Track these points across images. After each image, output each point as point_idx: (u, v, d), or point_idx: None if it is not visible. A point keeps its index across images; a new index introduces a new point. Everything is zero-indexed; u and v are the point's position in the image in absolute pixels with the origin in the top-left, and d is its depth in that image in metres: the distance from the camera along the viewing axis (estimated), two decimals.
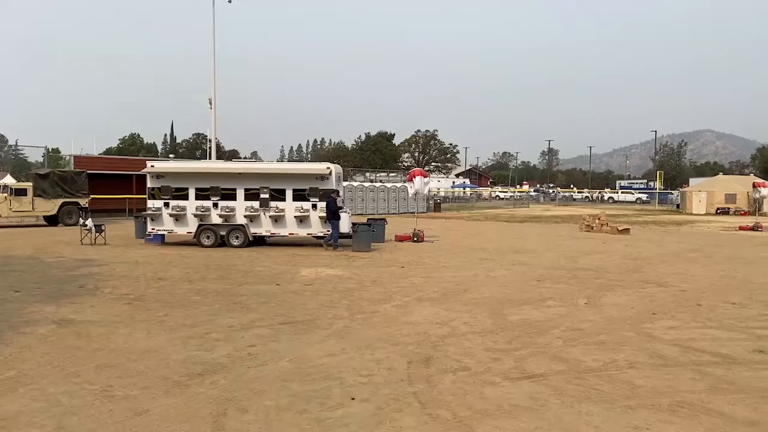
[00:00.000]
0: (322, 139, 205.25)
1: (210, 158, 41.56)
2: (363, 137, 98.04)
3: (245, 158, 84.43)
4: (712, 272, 14.14)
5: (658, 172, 79.90)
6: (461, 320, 8.77)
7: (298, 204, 18.81)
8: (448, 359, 6.79)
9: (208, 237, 18.78)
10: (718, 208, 49.70)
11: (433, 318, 8.89)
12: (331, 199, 18.52)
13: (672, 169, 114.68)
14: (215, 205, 18.97)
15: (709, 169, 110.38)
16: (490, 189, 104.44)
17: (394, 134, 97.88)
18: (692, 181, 73.21)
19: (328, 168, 19.10)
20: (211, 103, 37.88)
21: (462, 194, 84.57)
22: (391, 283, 12.01)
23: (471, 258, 16.44)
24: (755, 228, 29.19)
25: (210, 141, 42.23)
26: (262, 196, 18.91)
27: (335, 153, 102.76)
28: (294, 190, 18.90)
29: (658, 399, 5.56)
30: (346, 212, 19.23)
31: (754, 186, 33.81)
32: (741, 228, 29.90)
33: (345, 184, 38.27)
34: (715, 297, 10.89)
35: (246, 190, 19.03)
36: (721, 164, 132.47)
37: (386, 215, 34.49)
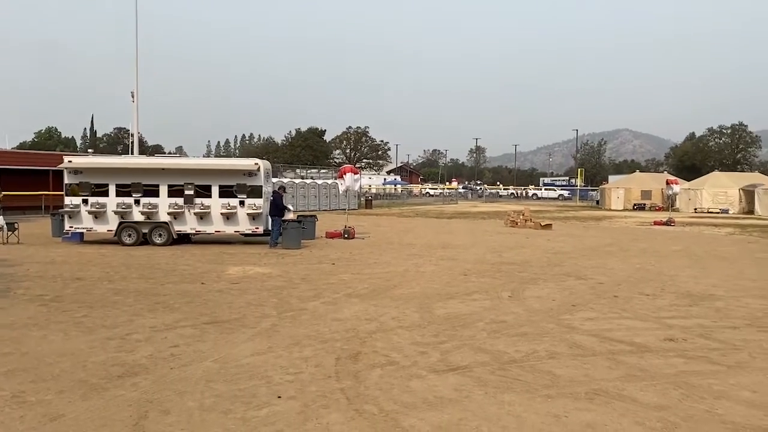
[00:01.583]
0: (251, 134, 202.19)
1: (132, 153, 40.06)
2: (293, 133, 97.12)
3: (170, 153, 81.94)
4: (628, 265, 14.83)
5: (579, 170, 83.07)
6: (390, 315, 8.84)
7: (225, 201, 18.42)
8: (376, 354, 6.83)
9: (129, 235, 18.12)
10: (634, 204, 52.19)
11: (362, 314, 8.92)
12: (277, 195, 18.28)
13: (592, 166, 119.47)
14: (137, 201, 18.32)
15: (627, 167, 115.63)
16: (420, 186, 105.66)
17: (325, 130, 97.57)
18: (611, 178, 76.60)
19: (257, 164, 18.81)
20: (133, 96, 36.52)
21: (393, 191, 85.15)
22: (320, 281, 11.96)
23: (401, 254, 16.60)
24: (668, 223, 30.84)
25: (132, 135, 40.71)
26: (186, 192, 18.40)
27: (264, 149, 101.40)
28: (220, 187, 18.48)
29: (576, 387, 5.80)
30: (290, 210, 19.05)
31: (668, 183, 35.69)
32: (655, 223, 31.52)
33: (274, 180, 37.82)
34: (630, 289, 11.43)
35: (170, 186, 18.47)
36: (638, 162, 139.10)
37: (317, 212, 34.30)
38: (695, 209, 47.64)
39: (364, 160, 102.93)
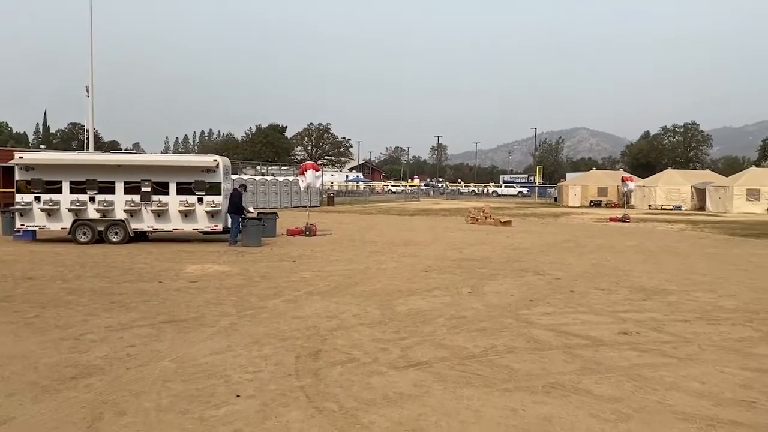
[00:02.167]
0: (210, 130, 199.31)
1: (87, 149, 39.03)
2: (254, 129, 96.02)
3: (126, 150, 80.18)
4: (584, 261, 15.15)
5: (537, 167, 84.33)
6: (351, 313, 8.83)
7: (183, 198, 18.12)
8: (336, 352, 6.82)
9: (84, 233, 17.67)
10: (591, 201, 53.32)
11: (323, 311, 8.90)
12: (236, 193, 18.05)
13: (551, 164, 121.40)
14: (92, 199, 17.87)
15: (584, 165, 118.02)
16: (383, 183, 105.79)
17: (286, 127, 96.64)
18: (569, 175, 78.02)
19: (215, 160, 18.54)
20: (88, 91, 35.61)
21: (355, 188, 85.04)
22: (281, 278, 11.88)
23: (363, 251, 16.60)
24: (624, 219, 31.59)
25: (87, 131, 39.66)
26: (143, 189, 18.04)
27: (224, 145, 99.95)
28: (178, 184, 18.17)
29: (534, 381, 5.90)
30: (250, 211, 18.83)
31: (623, 180, 36.58)
32: (611, 219, 32.25)
33: (234, 177, 37.36)
34: (586, 284, 11.67)
35: (126, 183, 18.07)
36: (594, 160, 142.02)
37: (278, 209, 34.02)
38: (649, 206, 48.93)
39: (326, 157, 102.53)
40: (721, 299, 10.29)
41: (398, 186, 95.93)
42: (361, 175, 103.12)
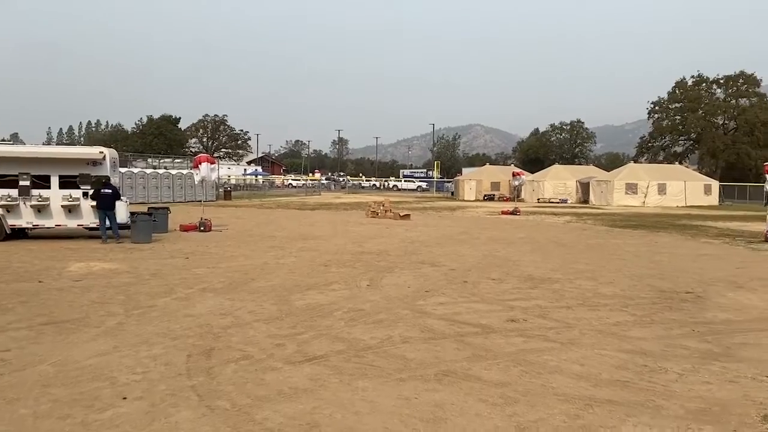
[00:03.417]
0: (98, 121, 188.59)
1: None
2: (145, 120, 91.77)
3: (3, 141, 74.21)
4: (477, 252, 15.70)
5: (435, 162, 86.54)
6: (246, 309, 8.67)
7: (67, 192, 17.03)
8: (230, 349, 6.68)
9: None
10: (485, 195, 55.34)
11: (216, 309, 8.67)
12: (109, 187, 17.09)
13: (448, 159, 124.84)
14: None
15: (479, 160, 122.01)
16: (283, 177, 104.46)
17: (179, 118, 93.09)
18: (465, 170, 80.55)
19: (102, 152, 17.56)
20: None
21: (254, 182, 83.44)
22: (172, 276, 11.46)
23: (260, 246, 16.33)
24: (514, 212, 33.02)
25: None
26: (21, 183, 16.78)
27: (113, 137, 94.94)
28: (61, 177, 17.06)
29: (427, 370, 6.06)
30: (123, 201, 17.86)
31: (514, 175, 38.22)
32: (503, 212, 33.61)
33: (123, 170, 35.59)
34: (478, 274, 12.11)
35: (2, 176, 16.75)
36: (488, 155, 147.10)
37: (171, 204, 32.77)
38: (538, 199, 51.46)
39: (223, 150, 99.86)
40: (600, 286, 11.00)
41: (299, 180, 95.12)
42: (259, 169, 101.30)
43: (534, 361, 6.43)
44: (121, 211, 17.18)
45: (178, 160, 56.69)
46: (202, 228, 19.97)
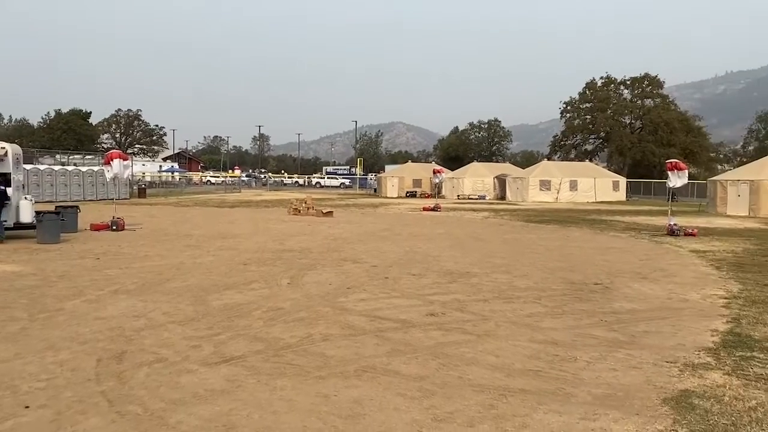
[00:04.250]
0: (0, 114, 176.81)
1: None
2: (52, 114, 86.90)
3: None
4: (399, 248, 15.87)
5: (358, 159, 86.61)
6: (161, 311, 8.39)
7: None
8: (143, 352, 6.44)
9: None
10: (407, 192, 55.97)
11: (129, 311, 8.34)
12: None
13: (371, 156, 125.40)
14: None
15: (401, 157, 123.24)
16: (201, 174, 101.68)
17: (90, 113, 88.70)
18: (387, 167, 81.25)
19: (4, 148, 16.51)
20: None
21: (171, 179, 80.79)
22: (82, 277, 10.93)
23: (176, 245, 15.83)
24: (435, 209, 33.58)
25: None
26: None
27: (17, 131, 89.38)
28: None
29: (347, 366, 6.07)
30: (28, 199, 16.85)
31: (435, 172, 38.86)
32: (424, 209, 34.11)
33: (29, 167, 33.64)
34: (399, 270, 12.24)
35: None
36: (410, 153, 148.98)
37: (81, 202, 31.20)
38: (458, 196, 52.54)
39: (137, 146, 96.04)
40: (515, 280, 11.37)
41: (218, 177, 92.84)
42: (176, 165, 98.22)
43: (451, 353, 6.57)
44: (26, 211, 16.22)
45: (89, 157, 54.03)
46: (114, 227, 19.15)
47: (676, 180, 21.07)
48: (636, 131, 74.83)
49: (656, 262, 14.06)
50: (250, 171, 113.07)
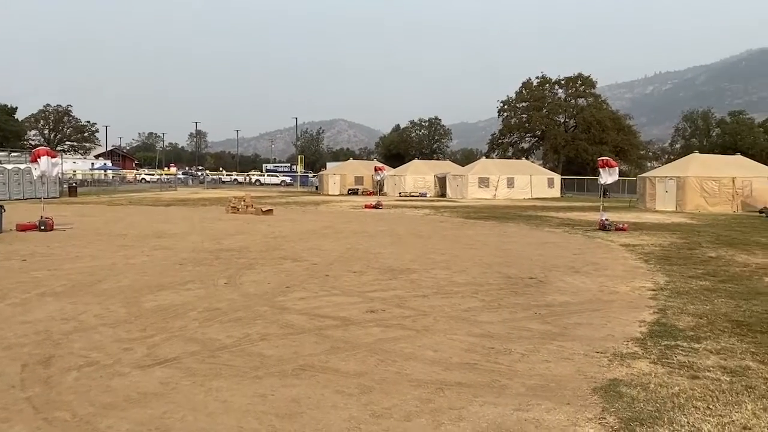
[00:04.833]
0: None
1: None
2: None
3: None
4: (340, 246, 15.84)
5: (299, 157, 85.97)
6: (92, 313, 8.10)
7: None
8: (72, 356, 6.21)
9: None
10: (349, 189, 55.96)
11: (57, 314, 8.02)
12: None
13: (312, 153, 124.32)
14: None
15: (343, 155, 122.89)
16: (135, 171, 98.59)
17: (16, 108, 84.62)
18: (329, 165, 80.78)
19: None
20: None
21: (103, 177, 78.02)
22: (7, 279, 10.44)
23: (109, 246, 15.31)
24: (377, 206, 33.67)
25: None
26: None
27: None
28: None
29: (284, 365, 6.02)
30: None
31: (376, 170, 38.99)
32: (366, 206, 34.15)
33: None
34: (340, 267, 12.23)
35: None
36: (352, 150, 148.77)
37: (6, 201, 29.74)
38: (400, 193, 52.85)
39: (68, 143, 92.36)
40: (454, 275, 11.54)
41: (153, 175, 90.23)
42: (109, 163, 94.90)
43: (390, 349, 6.62)
44: None
45: (15, 154, 51.42)
46: (42, 227, 18.35)
47: (607, 177, 21.87)
48: (570, 130, 77.17)
49: (588, 256, 14.54)
50: (187, 168, 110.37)
